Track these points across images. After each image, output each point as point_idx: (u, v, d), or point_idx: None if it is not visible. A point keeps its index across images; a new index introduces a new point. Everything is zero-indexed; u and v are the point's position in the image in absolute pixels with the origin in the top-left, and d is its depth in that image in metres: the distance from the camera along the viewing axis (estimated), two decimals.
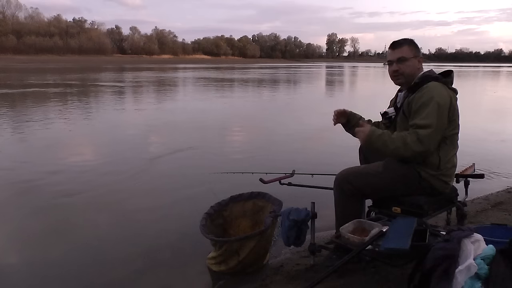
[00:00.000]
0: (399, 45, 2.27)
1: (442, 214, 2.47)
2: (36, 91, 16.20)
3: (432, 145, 2.08)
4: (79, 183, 4.44)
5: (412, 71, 2.24)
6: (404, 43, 2.27)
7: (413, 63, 2.24)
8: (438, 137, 2.10)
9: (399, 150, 2.08)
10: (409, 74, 2.24)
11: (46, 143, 6.55)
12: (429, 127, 2.05)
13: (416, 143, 2.06)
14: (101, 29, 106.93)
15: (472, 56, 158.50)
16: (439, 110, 2.07)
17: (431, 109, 2.07)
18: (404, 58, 2.23)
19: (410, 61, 2.23)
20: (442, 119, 2.09)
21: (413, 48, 2.26)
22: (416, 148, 2.06)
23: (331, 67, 64.44)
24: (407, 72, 2.24)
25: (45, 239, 3.13)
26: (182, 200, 3.96)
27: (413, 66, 2.24)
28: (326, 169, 3.18)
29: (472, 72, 48.02)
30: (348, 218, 2.14)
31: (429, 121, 2.06)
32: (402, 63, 2.23)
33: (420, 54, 2.29)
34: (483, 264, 1.53)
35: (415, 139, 2.06)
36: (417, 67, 2.25)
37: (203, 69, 44.54)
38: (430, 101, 2.08)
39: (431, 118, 2.06)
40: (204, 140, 7.02)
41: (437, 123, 2.06)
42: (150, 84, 21.78)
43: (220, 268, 2.55)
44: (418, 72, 2.26)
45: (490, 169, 4.87)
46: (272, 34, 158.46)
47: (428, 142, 2.06)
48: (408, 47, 2.25)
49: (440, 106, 2.08)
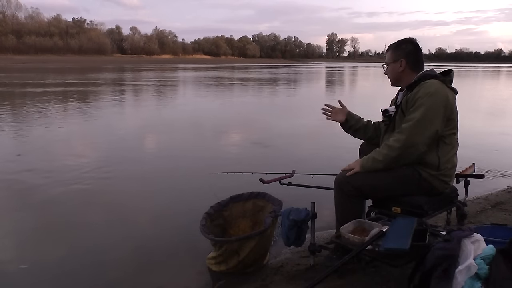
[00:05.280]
0: (387, 50, 2.41)
1: (442, 214, 2.47)
2: (50, 91, 16.20)
3: (415, 137, 2.09)
4: (79, 183, 4.44)
5: (394, 75, 2.35)
6: (389, 48, 2.39)
7: (392, 67, 2.35)
8: (424, 131, 2.09)
9: (388, 155, 2.14)
10: (393, 78, 2.37)
11: (45, 143, 6.56)
12: (411, 120, 2.11)
13: (397, 139, 2.12)
14: (101, 29, 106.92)
15: (472, 56, 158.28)
16: (431, 105, 2.09)
17: (422, 103, 2.10)
18: (387, 63, 2.38)
19: (390, 66, 2.36)
20: (433, 114, 2.10)
21: (395, 53, 2.34)
22: (397, 144, 2.11)
23: (331, 67, 64.43)
24: (391, 76, 2.38)
25: (43, 239, 3.13)
26: (182, 200, 3.96)
27: (393, 70, 2.35)
28: (326, 169, 3.17)
29: (472, 72, 48.00)
30: (348, 218, 2.14)
31: (414, 115, 2.11)
32: (387, 67, 2.38)
33: (403, 57, 2.30)
34: (483, 264, 1.53)
35: (396, 137, 2.14)
36: (398, 71, 2.32)
37: (204, 69, 44.54)
38: (424, 96, 2.11)
39: (418, 112, 2.10)
40: (204, 139, 7.02)
41: (423, 117, 2.08)
42: (151, 84, 21.78)
43: (220, 268, 2.55)
44: (403, 74, 2.31)
45: (490, 169, 4.87)
46: (272, 34, 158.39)
47: (408, 133, 2.09)
48: (391, 52, 2.36)
49: (433, 102, 2.10)
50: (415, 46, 2.33)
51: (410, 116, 2.14)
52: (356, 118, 2.62)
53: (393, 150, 2.13)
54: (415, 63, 2.30)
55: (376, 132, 2.55)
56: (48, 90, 16.51)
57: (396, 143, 2.13)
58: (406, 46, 2.31)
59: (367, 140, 2.60)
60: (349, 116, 2.61)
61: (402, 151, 2.12)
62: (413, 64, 2.29)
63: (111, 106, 11.95)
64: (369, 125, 2.59)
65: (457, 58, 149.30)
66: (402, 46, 2.33)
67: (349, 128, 2.62)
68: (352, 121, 2.60)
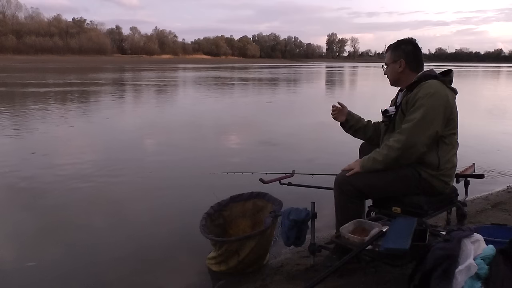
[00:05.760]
0: (386, 51, 2.41)
1: (442, 214, 2.47)
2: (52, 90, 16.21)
3: (415, 138, 2.09)
4: (79, 182, 4.44)
5: (393, 75, 2.36)
6: (388, 49, 2.40)
7: (392, 68, 2.35)
8: (425, 131, 2.09)
9: (388, 156, 2.14)
10: (392, 78, 2.38)
11: (45, 143, 6.56)
12: (411, 120, 2.11)
13: (397, 140, 2.12)
14: (101, 29, 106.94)
15: (472, 56, 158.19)
16: (431, 106, 2.09)
17: (421, 104, 2.10)
18: (386, 63, 2.38)
19: (389, 67, 2.37)
20: (433, 115, 2.10)
21: (394, 53, 2.34)
22: (397, 144, 2.11)
23: (331, 67, 64.43)
24: (390, 77, 2.38)
25: (43, 239, 3.13)
26: (182, 200, 3.96)
27: (393, 71, 2.35)
28: (326, 169, 3.18)
29: (472, 72, 47.98)
30: (348, 218, 2.14)
31: (415, 115, 2.11)
32: (387, 68, 2.38)
33: (402, 57, 2.30)
34: (483, 264, 1.53)
35: (396, 137, 2.14)
36: (397, 71, 2.32)
37: (204, 69, 44.54)
38: (424, 97, 2.11)
39: (418, 112, 2.10)
40: (204, 139, 7.02)
41: (423, 118, 2.08)
42: (152, 84, 21.77)
43: (220, 268, 2.55)
44: (402, 74, 2.31)
45: (490, 169, 4.88)
46: (272, 34, 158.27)
47: (408, 134, 2.09)
48: (390, 53, 2.36)
49: (433, 102, 2.10)
50: (414, 46, 2.32)
51: (410, 116, 2.13)
52: (356, 118, 2.62)
53: (393, 151, 2.13)
54: (414, 63, 2.30)
55: (376, 132, 2.54)
56: (51, 90, 16.52)
57: (396, 144, 2.13)
58: (406, 47, 2.31)
59: (367, 140, 2.60)
60: (349, 116, 2.61)
61: (402, 151, 2.12)
62: (413, 64, 2.29)
63: (111, 106, 11.96)
64: (369, 125, 2.59)
65: (457, 58, 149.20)
66: (401, 46, 2.33)
67: (349, 128, 2.62)
68: (352, 121, 2.60)
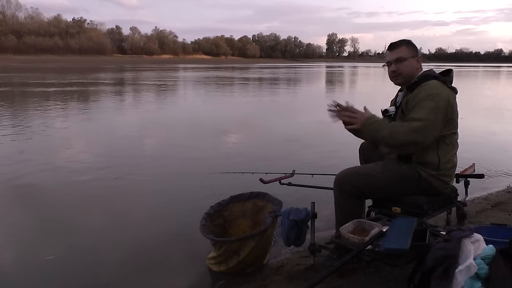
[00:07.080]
0: (397, 46, 2.29)
1: (442, 214, 2.47)
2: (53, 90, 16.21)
3: (423, 138, 2.07)
4: (79, 182, 4.44)
5: (410, 70, 2.26)
6: (402, 43, 2.29)
7: (411, 63, 2.26)
8: (432, 132, 2.08)
9: (390, 137, 2.09)
10: (407, 74, 2.26)
11: (45, 143, 6.56)
12: (421, 120, 2.07)
13: (406, 133, 2.07)
14: (101, 29, 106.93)
15: (472, 56, 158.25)
16: (434, 107, 2.08)
17: (426, 105, 2.08)
18: (402, 58, 2.25)
19: (408, 61, 2.25)
20: (437, 116, 2.09)
21: (411, 48, 2.28)
22: (404, 138, 2.06)
23: (331, 67, 64.44)
24: (405, 72, 2.26)
25: (42, 238, 3.13)
26: (182, 200, 3.96)
27: (411, 66, 2.26)
28: (326, 169, 3.18)
29: (472, 72, 47.99)
30: (348, 218, 2.13)
31: (422, 115, 2.07)
32: (401, 63, 2.25)
33: (419, 54, 2.30)
34: (483, 264, 1.53)
35: (406, 129, 2.08)
36: (415, 67, 2.27)
37: (204, 69, 44.55)
38: (427, 98, 2.09)
39: (425, 113, 2.07)
40: (204, 139, 7.02)
41: (430, 118, 2.06)
42: (152, 84, 21.77)
43: (220, 268, 2.55)
44: (417, 72, 2.27)
45: (490, 169, 4.88)
46: (272, 34, 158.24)
47: (417, 134, 2.06)
48: (406, 47, 2.27)
49: (436, 103, 2.08)
50: None
51: (416, 116, 2.09)
52: None
53: (396, 139, 2.08)
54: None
55: None
56: (51, 90, 16.52)
57: (404, 136, 2.07)
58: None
59: None
60: None
61: (406, 147, 2.10)
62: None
63: (112, 106, 11.95)
64: None
65: (457, 58, 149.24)
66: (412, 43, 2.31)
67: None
68: None
